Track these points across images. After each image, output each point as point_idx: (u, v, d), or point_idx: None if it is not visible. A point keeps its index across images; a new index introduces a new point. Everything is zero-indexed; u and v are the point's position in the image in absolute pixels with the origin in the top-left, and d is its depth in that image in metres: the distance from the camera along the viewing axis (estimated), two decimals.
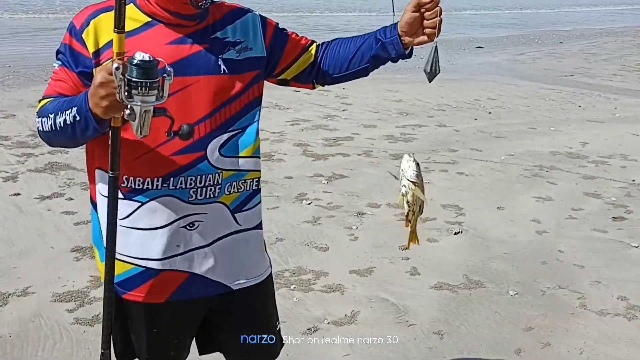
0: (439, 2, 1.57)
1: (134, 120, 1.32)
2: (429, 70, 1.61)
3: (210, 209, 1.61)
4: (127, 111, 1.31)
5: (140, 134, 1.34)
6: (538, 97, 9.63)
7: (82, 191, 4.70)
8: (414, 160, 1.70)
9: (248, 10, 1.72)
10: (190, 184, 1.57)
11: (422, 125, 7.47)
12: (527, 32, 19.54)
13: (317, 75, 1.78)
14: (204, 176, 1.57)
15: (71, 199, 4.56)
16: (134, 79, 1.28)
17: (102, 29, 1.50)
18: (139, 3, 1.55)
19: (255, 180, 1.70)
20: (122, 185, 1.56)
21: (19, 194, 4.64)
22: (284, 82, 1.79)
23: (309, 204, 4.79)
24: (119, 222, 1.53)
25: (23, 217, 4.26)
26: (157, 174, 1.55)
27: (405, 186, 1.68)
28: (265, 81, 1.74)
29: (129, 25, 1.48)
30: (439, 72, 1.62)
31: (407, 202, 1.69)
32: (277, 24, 1.77)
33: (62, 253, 3.76)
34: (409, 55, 1.68)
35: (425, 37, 1.60)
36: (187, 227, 1.60)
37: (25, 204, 4.46)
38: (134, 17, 1.53)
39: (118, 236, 1.52)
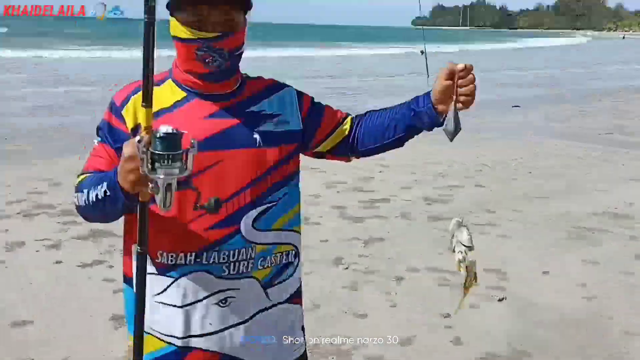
0: (472, 69, 1.55)
1: (157, 194, 1.31)
2: (451, 130, 1.57)
3: (242, 284, 1.58)
4: (151, 184, 1.31)
5: (164, 207, 1.32)
6: (577, 156, 9.47)
7: None
8: (464, 224, 1.65)
9: (284, 85, 1.74)
10: (224, 258, 1.55)
11: (459, 186, 7.40)
12: (561, 91, 19.46)
13: (352, 147, 1.77)
14: (237, 251, 1.56)
15: (112, 267, 4.61)
16: (157, 152, 1.28)
17: (134, 106, 1.54)
18: (176, 77, 1.60)
19: (286, 252, 1.67)
20: (157, 260, 1.56)
21: (61, 262, 4.72)
22: (320, 155, 1.80)
23: (346, 268, 4.73)
24: (153, 298, 1.55)
25: (64, 286, 4.31)
26: (190, 248, 1.54)
27: (461, 252, 1.62)
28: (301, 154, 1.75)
29: (167, 102, 1.57)
30: (460, 129, 1.58)
31: (466, 267, 1.63)
32: (313, 98, 1.78)
33: (101, 321, 3.78)
34: (443, 123, 1.65)
35: (460, 105, 1.57)
36: (220, 303, 1.57)
37: (67, 272, 4.53)
38: (172, 93, 1.58)
39: (152, 312, 1.53)
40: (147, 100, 1.33)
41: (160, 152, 1.28)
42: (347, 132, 1.76)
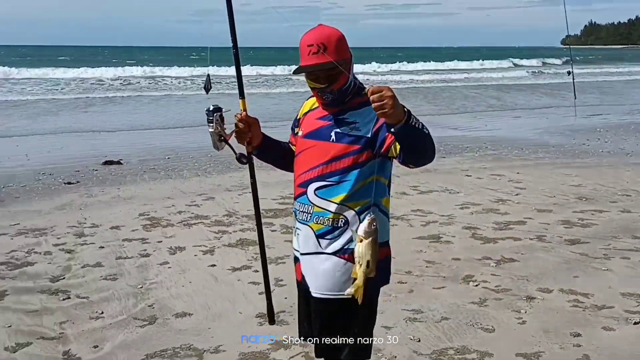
0: (376, 91, 2.00)
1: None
2: (206, 87, 2.69)
3: (304, 227, 2.44)
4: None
5: (215, 148, 2.57)
6: None
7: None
8: (370, 218, 2.17)
9: None
10: (298, 207, 2.46)
11: (603, 210, 7.09)
12: None
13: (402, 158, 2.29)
14: (304, 204, 2.43)
15: (257, 271, 5.11)
16: (208, 117, 2.53)
17: (305, 106, 2.58)
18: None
19: (337, 219, 2.35)
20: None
21: (214, 265, 5.32)
22: (389, 159, 2.36)
23: (476, 285, 4.81)
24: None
25: (217, 286, 4.88)
26: (295, 194, 2.49)
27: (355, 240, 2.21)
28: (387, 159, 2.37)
29: (309, 107, 2.54)
30: (211, 88, 2.74)
31: (352, 253, 2.24)
32: None
33: (248, 318, 4.25)
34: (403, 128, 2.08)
35: (382, 118, 2.10)
36: (296, 233, 2.50)
37: (219, 274, 5.11)
38: (313, 102, 2.53)
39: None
40: (240, 94, 2.59)
41: (207, 116, 2.52)
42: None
